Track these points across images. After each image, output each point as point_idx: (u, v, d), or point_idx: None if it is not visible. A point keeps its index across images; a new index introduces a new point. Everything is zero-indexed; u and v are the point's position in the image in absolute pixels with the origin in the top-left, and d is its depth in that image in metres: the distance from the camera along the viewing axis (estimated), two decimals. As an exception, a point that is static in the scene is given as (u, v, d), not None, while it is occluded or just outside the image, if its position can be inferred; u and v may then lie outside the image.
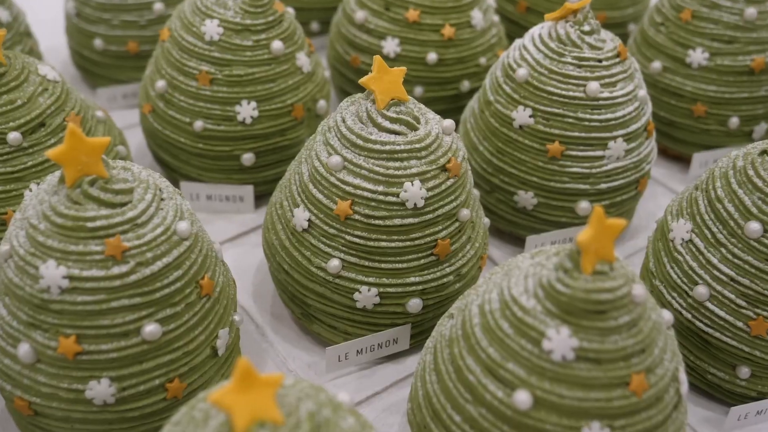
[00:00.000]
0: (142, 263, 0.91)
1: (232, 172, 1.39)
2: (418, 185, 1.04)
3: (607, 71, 1.23)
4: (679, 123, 1.51)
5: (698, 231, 1.08)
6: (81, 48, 1.64)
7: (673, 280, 1.11)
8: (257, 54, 1.30)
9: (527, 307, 0.85)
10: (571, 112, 1.23)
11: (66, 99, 1.19)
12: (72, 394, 0.93)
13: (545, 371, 0.84)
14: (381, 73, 1.05)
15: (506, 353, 0.86)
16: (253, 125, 1.33)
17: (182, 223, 0.94)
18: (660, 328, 0.88)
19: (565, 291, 0.83)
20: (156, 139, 1.39)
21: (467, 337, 0.90)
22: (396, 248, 1.07)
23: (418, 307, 1.11)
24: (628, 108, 1.25)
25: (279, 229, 1.13)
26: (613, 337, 0.84)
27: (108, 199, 0.91)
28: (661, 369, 0.87)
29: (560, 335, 0.83)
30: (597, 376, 0.83)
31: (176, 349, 0.95)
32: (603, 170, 1.27)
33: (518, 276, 0.88)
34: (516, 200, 1.31)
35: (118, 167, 0.96)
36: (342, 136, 1.06)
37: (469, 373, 0.88)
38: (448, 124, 1.08)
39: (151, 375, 0.95)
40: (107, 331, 0.91)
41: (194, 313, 0.96)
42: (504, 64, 1.29)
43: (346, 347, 1.14)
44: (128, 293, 0.90)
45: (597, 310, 0.83)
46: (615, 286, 0.83)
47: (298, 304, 1.17)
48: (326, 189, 1.06)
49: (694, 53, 1.45)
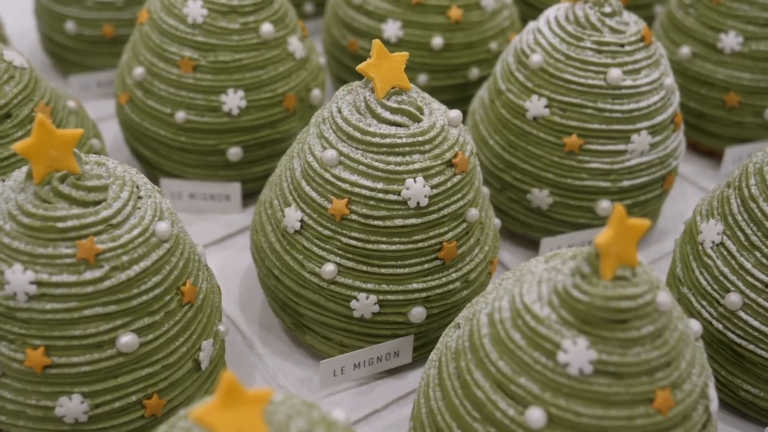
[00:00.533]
0: (117, 267, 0.91)
1: (218, 168, 1.39)
2: (422, 182, 1.04)
3: (630, 57, 1.23)
4: (710, 114, 1.52)
5: (730, 233, 1.09)
6: (51, 32, 1.64)
7: (702, 287, 1.11)
8: (245, 38, 1.30)
9: (541, 316, 0.85)
10: (590, 102, 1.23)
11: (34, 88, 1.19)
12: (40, 412, 0.93)
13: (561, 387, 0.84)
14: (381, 59, 1.06)
15: (518, 367, 0.86)
16: (241, 117, 1.33)
17: (162, 224, 0.95)
18: (687, 339, 0.88)
19: (582, 298, 0.83)
20: (133, 131, 1.39)
21: (475, 349, 0.90)
22: (397, 251, 1.07)
23: (422, 317, 1.11)
24: (653, 98, 1.25)
25: (268, 231, 1.14)
26: (636, 349, 0.84)
27: (80, 197, 0.91)
28: (689, 384, 0.87)
29: (577, 347, 0.83)
30: (618, 392, 0.84)
31: (155, 362, 0.96)
32: (625, 166, 1.27)
33: (531, 282, 0.89)
34: (529, 199, 1.31)
35: (92, 162, 0.97)
36: (338, 128, 1.06)
37: (477, 388, 0.88)
38: (454, 115, 1.08)
39: (128, 390, 0.95)
40: (79, 342, 0.91)
41: (175, 322, 0.96)
42: (516, 49, 1.29)
43: (343, 361, 1.14)
44: (102, 300, 0.91)
45: (618, 320, 0.83)
46: (637, 293, 0.83)
47: (290, 314, 1.17)
48: (320, 186, 1.06)
49: (727, 37, 1.45)
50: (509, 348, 0.87)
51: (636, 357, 0.84)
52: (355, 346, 1.15)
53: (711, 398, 0.90)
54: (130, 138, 1.42)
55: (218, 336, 1.05)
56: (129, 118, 1.38)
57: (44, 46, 1.70)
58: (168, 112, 1.33)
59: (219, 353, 1.06)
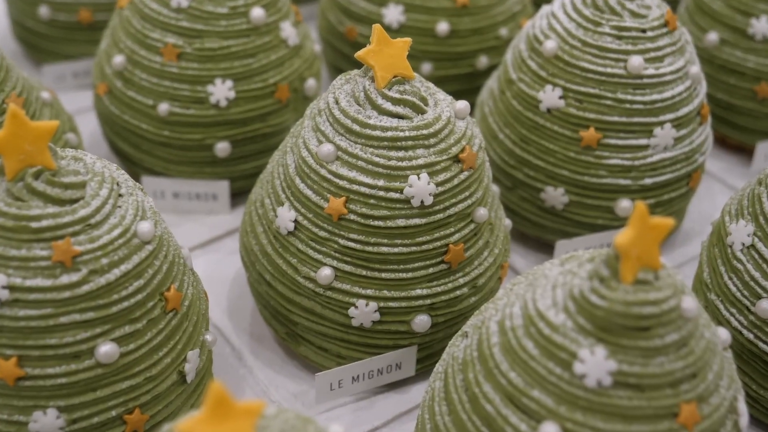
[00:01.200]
0: (95, 271, 0.91)
1: (204, 165, 1.39)
2: (426, 179, 1.05)
3: (653, 44, 1.24)
4: (740, 106, 1.52)
5: (762, 234, 1.09)
6: (23, 17, 1.65)
7: (731, 293, 1.11)
8: (234, 23, 1.31)
9: (556, 324, 0.86)
10: (609, 92, 1.23)
11: (5, 78, 1.19)
12: (13, 427, 0.94)
13: (577, 400, 0.84)
14: (381, 45, 1.06)
15: (531, 378, 0.86)
16: (229, 109, 1.33)
17: (144, 224, 0.95)
18: (715, 348, 0.88)
19: (600, 304, 0.84)
20: (113, 125, 1.39)
21: (484, 359, 0.90)
22: (399, 255, 1.07)
23: (426, 325, 1.12)
24: (677, 87, 1.25)
25: (259, 233, 1.14)
26: (659, 359, 0.84)
27: (56, 194, 0.92)
28: (717, 398, 0.87)
29: (595, 357, 0.83)
30: (639, 405, 0.84)
31: (136, 373, 0.96)
32: (647, 162, 1.27)
33: (545, 286, 0.89)
34: (543, 198, 1.32)
35: (68, 157, 0.97)
36: (335, 121, 1.06)
37: (486, 402, 0.89)
38: (461, 106, 1.09)
39: (107, 405, 0.95)
40: (55, 351, 0.91)
41: (158, 330, 0.97)
42: (529, 35, 1.29)
43: (340, 373, 1.14)
44: (80, 307, 0.91)
45: (639, 327, 0.83)
46: (660, 298, 0.84)
47: (283, 322, 1.18)
48: (316, 184, 1.07)
49: (758, 22, 1.45)
50: (521, 358, 0.87)
51: (659, 368, 0.84)
52: (353, 357, 1.15)
53: (740, 413, 0.90)
54: (109, 132, 1.42)
55: (205, 346, 1.05)
56: (108, 111, 1.38)
57: (15, 33, 1.70)
58: (150, 104, 1.33)
59: (206, 365, 1.06)
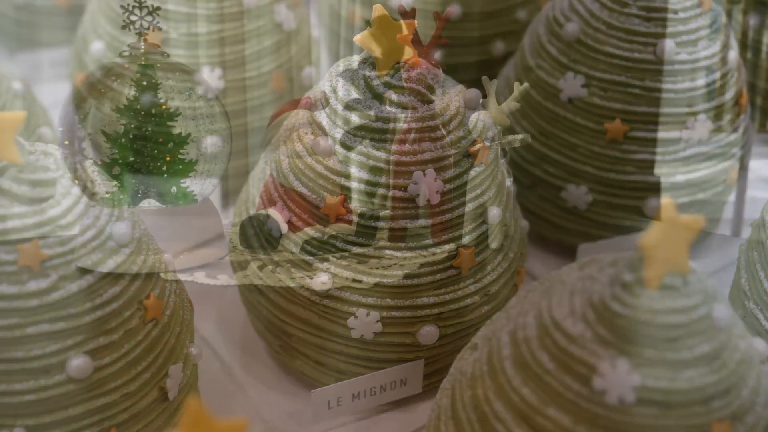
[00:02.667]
0: (66, 277, 0.91)
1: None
2: (433, 176, 1.05)
3: (685, 26, 1.23)
4: (783, 96, 1.52)
5: (805, 236, 1.08)
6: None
7: (772, 301, 1.11)
8: (224, 6, 1.31)
9: (574, 334, 0.85)
10: (636, 80, 1.23)
11: (-28, 65, 1.20)
12: (-24, 450, 0.94)
13: (597, 418, 0.84)
14: (383, 29, 1.06)
15: (546, 395, 0.86)
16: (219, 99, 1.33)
17: (120, 225, 0.95)
18: (751, 362, 0.88)
19: (623, 312, 0.83)
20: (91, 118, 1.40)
21: (495, 374, 0.90)
22: (403, 259, 1.07)
23: (433, 337, 1.11)
24: (713, 75, 1.25)
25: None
26: (688, 372, 0.83)
27: (22, 192, 0.92)
28: (752, 416, 0.87)
29: (617, 370, 0.83)
30: (666, 424, 0.83)
31: (112, 390, 0.96)
32: (680, 157, 1.27)
33: (562, 293, 0.88)
34: (564, 197, 1.31)
35: (37, 152, 0.97)
36: (332, 112, 1.06)
37: (497, 421, 0.88)
38: (472, 95, 1.09)
39: (80, 424, 0.95)
40: (22, 365, 0.91)
41: (136, 343, 0.97)
42: (548, 18, 1.29)
43: (339, 390, 1.14)
44: (49, 316, 0.91)
45: (665, 338, 0.83)
46: (690, 306, 0.83)
47: (276, 334, 1.17)
48: (311, 181, 1.07)
49: (802, 3, 1.45)
50: (535, 372, 0.87)
51: (688, 383, 0.83)
52: (353, 372, 1.15)
53: (780, 433, 0.90)
54: (86, 126, 1.42)
55: (189, 360, 1.05)
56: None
57: (-14, 18, 1.71)
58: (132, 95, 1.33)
59: (190, 381, 1.06)
